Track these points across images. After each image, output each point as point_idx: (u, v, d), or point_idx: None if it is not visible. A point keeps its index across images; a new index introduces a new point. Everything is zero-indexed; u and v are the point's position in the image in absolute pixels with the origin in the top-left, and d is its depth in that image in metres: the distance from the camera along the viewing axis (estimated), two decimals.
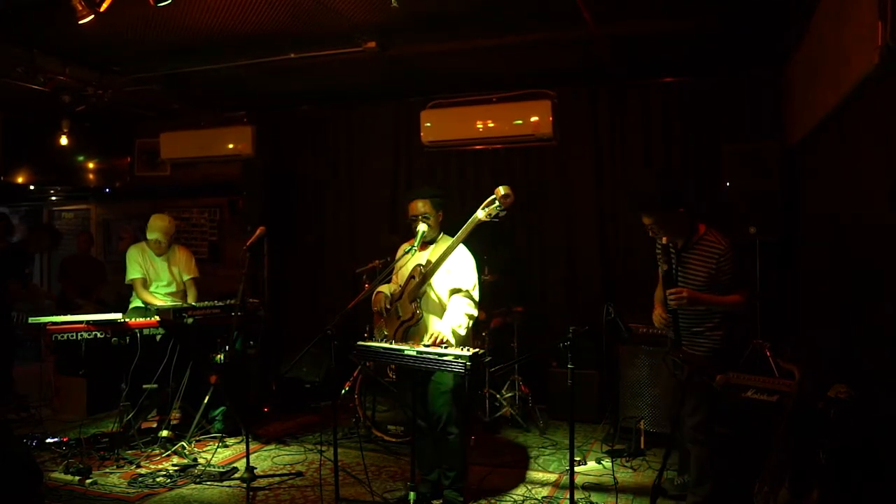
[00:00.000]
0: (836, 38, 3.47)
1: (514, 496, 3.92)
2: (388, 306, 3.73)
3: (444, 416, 3.56)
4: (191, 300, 5.28)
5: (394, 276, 3.87)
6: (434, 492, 3.79)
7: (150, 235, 5.21)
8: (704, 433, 3.43)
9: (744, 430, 3.68)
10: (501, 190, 3.38)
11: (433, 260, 3.56)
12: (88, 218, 8.34)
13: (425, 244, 3.73)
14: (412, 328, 3.60)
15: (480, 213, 3.45)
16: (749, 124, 5.31)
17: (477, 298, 3.61)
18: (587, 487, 4.05)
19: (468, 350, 3.17)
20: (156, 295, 5.28)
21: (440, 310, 3.61)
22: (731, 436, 3.70)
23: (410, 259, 3.75)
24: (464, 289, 3.56)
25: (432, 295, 3.62)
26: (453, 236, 3.60)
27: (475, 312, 3.56)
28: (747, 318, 4.88)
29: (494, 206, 3.41)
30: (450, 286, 3.59)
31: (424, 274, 3.56)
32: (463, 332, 3.47)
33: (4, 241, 6.20)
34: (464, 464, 3.69)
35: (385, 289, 3.81)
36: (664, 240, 3.45)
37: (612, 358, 4.99)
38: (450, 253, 3.52)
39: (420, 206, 3.71)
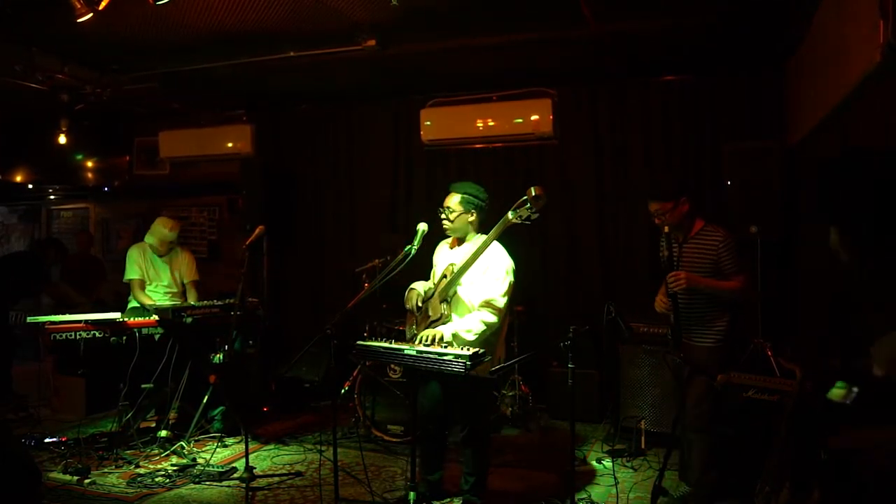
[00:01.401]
0: (837, 37, 3.46)
1: (514, 496, 3.91)
2: (420, 304, 3.68)
3: (471, 423, 3.53)
4: (191, 302, 5.26)
5: (432, 274, 3.83)
6: (433, 492, 3.78)
7: (148, 240, 5.20)
8: (707, 423, 3.45)
9: (745, 430, 3.68)
10: (533, 191, 3.25)
11: (463, 261, 3.50)
12: (87, 217, 8.32)
13: (459, 241, 3.67)
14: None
15: (510, 215, 3.35)
16: (750, 123, 5.29)
17: (502, 306, 3.46)
18: (587, 487, 4.04)
19: (468, 349, 3.15)
20: (155, 296, 5.27)
21: (470, 311, 3.53)
22: (732, 436, 3.70)
23: (442, 258, 3.72)
24: (486, 297, 3.44)
25: (463, 295, 3.53)
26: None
27: (494, 320, 3.42)
28: (747, 311, 4.90)
29: (525, 207, 3.30)
30: (482, 289, 3.47)
31: (454, 274, 3.50)
32: (471, 337, 3.35)
33: None
34: (486, 468, 3.67)
35: (418, 286, 3.76)
36: (666, 229, 3.53)
37: (613, 357, 4.98)
38: (479, 254, 3.42)
39: (450, 199, 3.61)
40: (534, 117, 5.53)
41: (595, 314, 3.57)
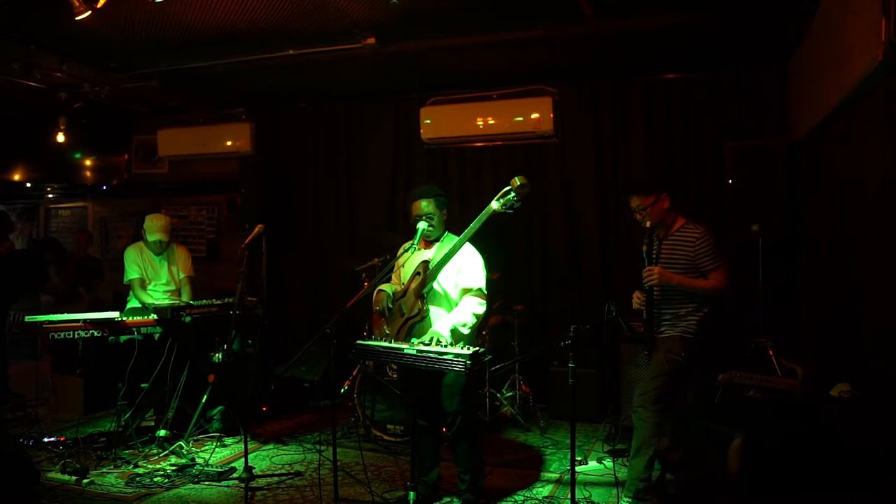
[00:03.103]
0: (839, 35, 3.44)
1: (514, 496, 3.90)
2: (391, 305, 3.68)
3: (459, 418, 3.51)
4: (185, 299, 5.24)
5: (394, 276, 3.83)
6: (432, 494, 3.75)
7: (151, 237, 5.17)
8: (651, 404, 3.47)
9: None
10: (517, 180, 3.32)
11: (439, 257, 3.51)
12: (86, 216, 8.29)
13: (429, 242, 3.68)
14: (417, 325, 3.53)
15: (495, 205, 3.38)
16: (752, 121, 5.28)
17: (486, 293, 3.56)
18: (588, 487, 4.02)
19: (468, 348, 3.14)
20: (155, 294, 5.24)
21: (448, 306, 3.56)
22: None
23: (410, 257, 3.70)
24: (475, 288, 3.51)
25: (439, 291, 3.55)
26: (457, 234, 3.55)
27: (483, 311, 3.50)
28: (748, 310, 4.91)
29: (510, 196, 3.34)
30: (460, 283, 3.53)
31: (431, 270, 3.50)
32: (466, 331, 3.41)
33: (7, 241, 6.18)
34: (480, 465, 3.66)
35: (386, 287, 3.76)
36: (648, 224, 3.56)
37: (614, 357, 4.97)
38: (458, 248, 3.45)
39: (423, 205, 3.64)
40: (534, 115, 5.51)
41: (596, 313, 3.57)
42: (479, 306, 3.48)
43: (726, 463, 2.93)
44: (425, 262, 3.57)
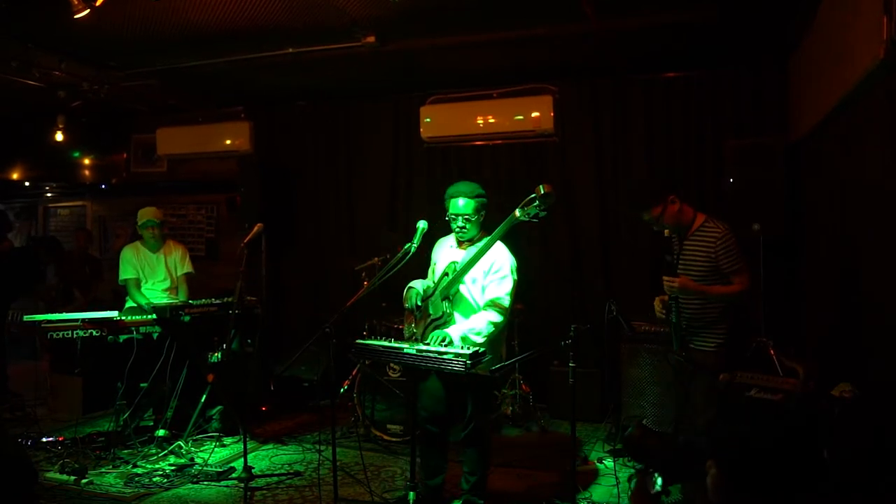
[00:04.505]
0: (840, 33, 3.44)
1: (514, 496, 3.89)
2: (419, 303, 3.64)
3: (476, 421, 3.49)
4: (182, 297, 5.22)
5: (430, 273, 3.78)
6: (434, 497, 3.73)
7: (144, 220, 5.14)
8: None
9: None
10: (542, 188, 3.17)
11: (467, 260, 3.45)
12: (84, 215, 8.29)
13: (462, 243, 3.61)
14: (441, 327, 3.46)
15: (518, 213, 3.28)
16: (752, 120, 5.28)
17: (507, 305, 3.44)
18: (588, 487, 4.02)
19: (467, 348, 3.12)
20: (153, 292, 5.22)
21: (471, 311, 3.49)
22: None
23: (441, 255, 3.68)
24: (494, 298, 3.41)
25: (466, 294, 3.49)
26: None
27: (500, 319, 3.40)
28: (751, 311, 4.89)
29: (534, 205, 3.22)
30: (488, 288, 3.44)
31: (457, 272, 3.43)
32: (479, 339, 3.32)
33: (7, 241, 6.17)
34: (487, 468, 3.63)
35: (416, 285, 3.70)
36: (666, 232, 3.48)
37: (614, 356, 4.96)
38: (483, 253, 3.37)
39: (461, 205, 3.47)
40: (535, 114, 5.50)
41: (596, 312, 3.55)
42: (497, 315, 3.39)
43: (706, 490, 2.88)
44: (454, 263, 3.50)
